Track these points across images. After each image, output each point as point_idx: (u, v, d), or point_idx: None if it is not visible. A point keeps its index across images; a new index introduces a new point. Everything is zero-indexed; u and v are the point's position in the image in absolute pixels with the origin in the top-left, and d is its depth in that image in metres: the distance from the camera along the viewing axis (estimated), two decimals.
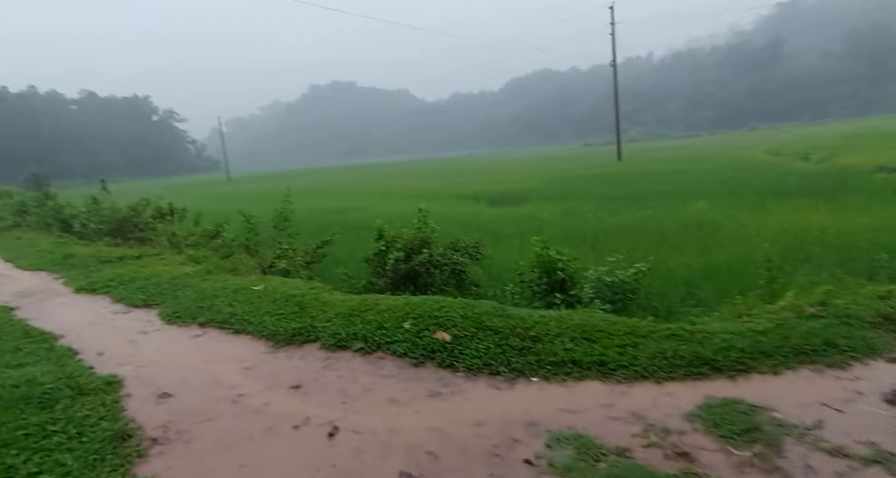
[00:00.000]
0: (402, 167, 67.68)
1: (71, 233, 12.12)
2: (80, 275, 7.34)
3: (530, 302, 5.88)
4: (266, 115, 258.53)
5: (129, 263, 7.81)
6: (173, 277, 6.36)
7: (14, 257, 9.69)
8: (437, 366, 3.78)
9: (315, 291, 5.47)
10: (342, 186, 38.21)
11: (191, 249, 8.78)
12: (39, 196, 14.78)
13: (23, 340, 4.38)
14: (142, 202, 11.99)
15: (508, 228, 11.93)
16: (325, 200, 27.99)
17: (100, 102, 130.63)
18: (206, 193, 42.01)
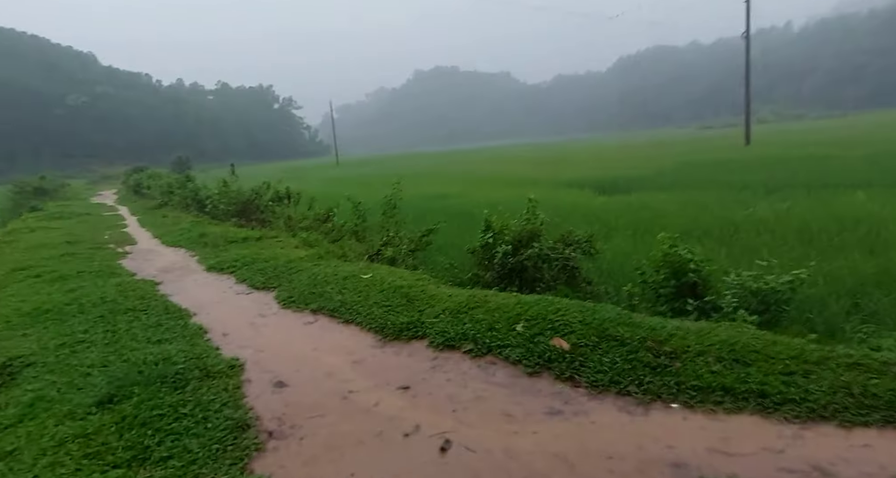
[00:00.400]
0: (502, 152, 66.83)
1: (205, 213, 13.45)
2: (210, 253, 8.00)
3: (652, 306, 5.25)
4: (372, 101, 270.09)
5: (251, 244, 8.37)
6: (289, 261, 6.63)
7: (160, 234, 10.90)
8: (554, 378, 3.41)
9: (422, 282, 5.34)
10: (441, 171, 38.59)
11: (304, 233, 9.21)
12: (181, 178, 16.65)
13: (163, 316, 4.76)
14: (262, 186, 12.89)
15: (619, 219, 11.01)
16: (425, 185, 28.41)
17: (232, 93, 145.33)
18: (317, 177, 44.89)
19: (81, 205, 21.65)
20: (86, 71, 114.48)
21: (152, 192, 19.43)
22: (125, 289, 5.74)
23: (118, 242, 10.25)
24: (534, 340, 3.78)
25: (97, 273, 6.77)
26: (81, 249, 9.01)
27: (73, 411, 2.92)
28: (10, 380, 3.66)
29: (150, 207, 17.38)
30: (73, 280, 6.32)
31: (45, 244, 9.80)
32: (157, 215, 14.86)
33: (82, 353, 3.85)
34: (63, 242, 9.94)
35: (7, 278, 6.80)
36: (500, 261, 5.69)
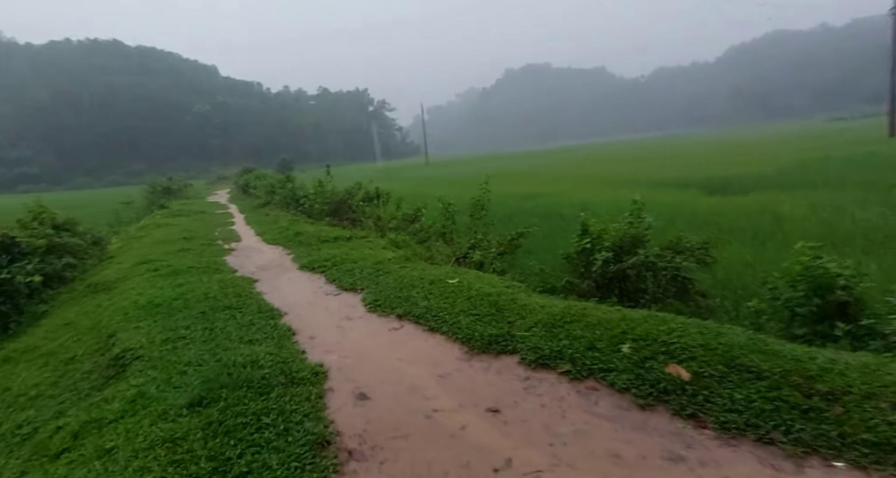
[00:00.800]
0: (596, 150, 64.03)
1: (302, 211, 14.13)
2: (304, 252, 8.24)
3: (786, 328, 4.44)
4: (462, 101, 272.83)
5: (342, 243, 8.51)
6: (376, 262, 6.58)
7: (262, 232, 11.55)
8: (672, 414, 2.88)
9: (511, 290, 4.96)
10: (532, 170, 37.68)
11: (392, 233, 9.22)
12: (282, 179, 17.74)
13: (256, 315, 4.85)
14: (354, 187, 13.24)
15: (733, 223, 9.80)
16: (515, 184, 27.82)
17: (331, 97, 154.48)
18: (406, 177, 46.03)
19: (199, 203, 23.96)
20: (209, 82, 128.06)
21: (258, 191, 20.95)
22: (226, 286, 6.01)
23: (226, 238, 11.00)
24: (644, 365, 3.25)
25: (204, 269, 7.21)
26: (195, 245, 9.76)
27: (167, 412, 2.94)
28: (121, 371, 3.87)
29: (255, 205, 18.74)
30: (183, 275, 6.78)
31: (166, 240, 10.77)
32: (261, 214, 15.90)
33: (182, 350, 3.98)
34: (180, 238, 10.86)
35: (132, 271, 7.48)
36: (600, 269, 5.15)
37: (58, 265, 8.13)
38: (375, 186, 12.05)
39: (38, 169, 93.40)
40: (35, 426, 3.41)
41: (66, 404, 3.66)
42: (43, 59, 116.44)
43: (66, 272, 8.37)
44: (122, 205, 27.14)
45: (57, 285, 8.15)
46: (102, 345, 4.52)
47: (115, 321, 4.96)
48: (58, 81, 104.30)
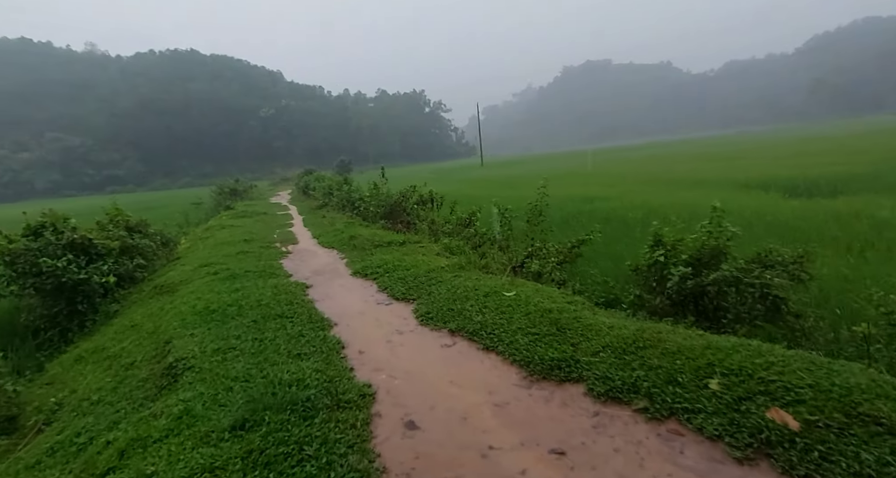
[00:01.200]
0: (660, 149, 61.06)
1: (357, 214, 14.21)
2: (357, 257, 8.15)
3: None
4: (518, 100, 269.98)
5: (395, 248, 8.36)
6: (429, 270, 6.34)
7: (318, 234, 11.67)
8: (781, 472, 2.40)
9: (574, 306, 4.54)
10: (590, 171, 36.37)
11: (446, 239, 8.96)
12: (339, 181, 18.02)
13: (306, 325, 4.73)
14: (409, 189, 13.13)
15: (822, 230, 8.79)
16: (572, 186, 26.88)
17: (389, 99, 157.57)
18: (461, 178, 45.88)
19: (262, 204, 24.91)
20: (274, 87, 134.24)
21: (316, 193, 21.45)
22: (279, 292, 5.97)
23: (283, 241, 11.20)
24: (739, 408, 2.77)
25: (260, 273, 7.27)
26: (254, 248, 9.97)
27: (209, 435, 2.81)
28: (172, 382, 3.84)
29: (313, 207, 19.17)
30: (240, 279, 6.85)
31: (228, 241, 11.11)
32: (318, 215, 16.19)
33: (231, 362, 3.90)
34: (241, 240, 11.17)
35: (194, 274, 7.68)
36: (676, 285, 4.61)
37: (129, 266, 8.53)
38: (430, 189, 11.83)
39: (124, 171, 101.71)
40: (90, 436, 3.41)
41: (121, 413, 3.65)
42: (131, 70, 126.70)
43: (137, 273, 8.76)
44: (193, 206, 28.83)
45: (128, 285, 8.55)
46: (159, 351, 4.55)
47: (172, 327, 5.01)
48: (143, 90, 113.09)
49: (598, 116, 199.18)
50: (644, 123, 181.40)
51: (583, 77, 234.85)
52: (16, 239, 7.65)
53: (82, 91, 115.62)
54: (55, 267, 7.13)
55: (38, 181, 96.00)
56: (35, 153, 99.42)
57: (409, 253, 7.89)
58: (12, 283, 7.26)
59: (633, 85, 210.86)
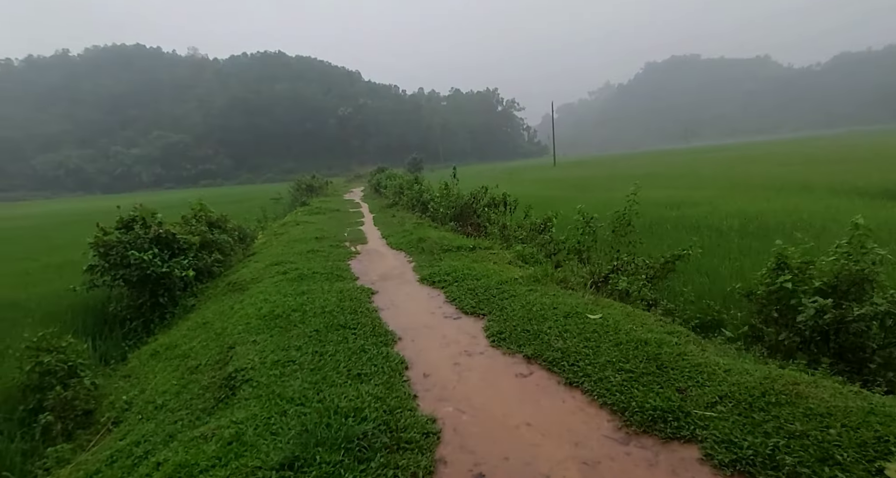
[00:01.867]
0: (755, 149, 56.11)
1: (427, 215, 13.98)
2: (425, 262, 7.83)
3: None
4: (595, 99, 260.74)
5: (465, 254, 7.94)
6: (501, 282, 5.85)
7: (387, 235, 11.53)
8: None
9: (675, 338, 3.86)
10: (676, 172, 33.95)
11: (519, 245, 8.41)
12: (410, 180, 17.95)
13: (369, 338, 4.43)
14: (480, 190, 12.67)
15: None
16: (654, 188, 25.11)
17: (463, 97, 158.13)
18: (533, 178, 44.76)
19: (336, 201, 25.56)
20: (352, 86, 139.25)
21: (387, 191, 21.60)
22: (344, 298, 5.75)
23: (353, 240, 11.17)
24: None
25: (327, 275, 7.14)
26: (324, 247, 9.99)
27: (256, 473, 2.51)
28: (230, 394, 3.66)
29: (383, 205, 19.28)
30: (308, 281, 6.75)
31: (300, 239, 11.26)
32: (388, 214, 16.18)
33: (289, 378, 3.66)
34: (313, 238, 11.27)
35: (265, 272, 7.72)
36: (811, 320, 3.78)
37: (208, 261, 8.80)
38: (503, 192, 11.28)
39: (215, 166, 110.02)
40: (147, 448, 3.29)
41: (178, 425, 3.52)
42: (225, 72, 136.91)
43: (215, 268, 9.03)
44: (272, 201, 30.27)
45: (206, 279, 8.82)
46: (223, 356, 4.44)
47: (237, 331, 4.92)
48: (234, 91, 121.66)
49: (682, 115, 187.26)
50: (736, 122, 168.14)
51: (667, 73, 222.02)
52: (110, 232, 8.11)
53: (183, 92, 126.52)
54: (141, 260, 7.43)
55: (144, 174, 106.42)
56: (143, 149, 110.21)
57: (479, 260, 7.44)
58: (105, 273, 7.67)
59: (724, 81, 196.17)
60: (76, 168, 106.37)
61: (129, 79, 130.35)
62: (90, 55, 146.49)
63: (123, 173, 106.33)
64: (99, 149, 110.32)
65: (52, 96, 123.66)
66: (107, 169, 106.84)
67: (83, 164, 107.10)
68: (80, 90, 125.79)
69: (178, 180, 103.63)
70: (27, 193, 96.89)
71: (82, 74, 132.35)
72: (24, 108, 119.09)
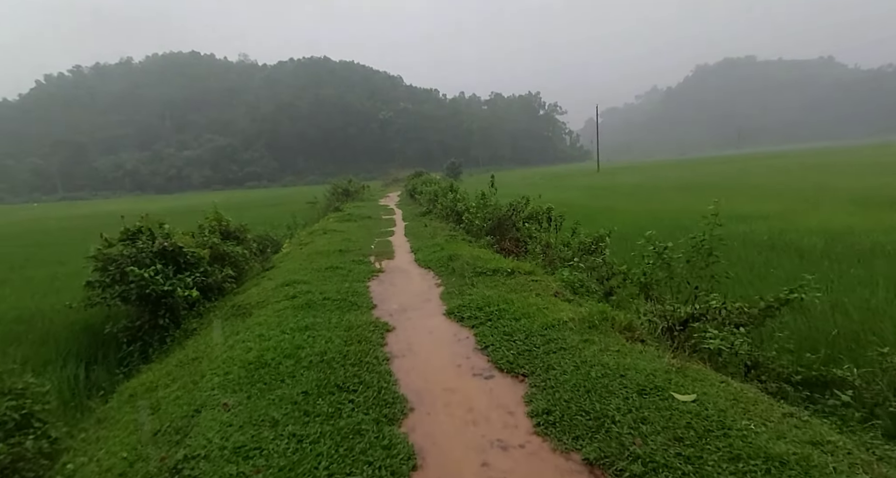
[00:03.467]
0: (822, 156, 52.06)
1: (461, 225, 12.87)
2: (455, 287, 6.70)
3: None
4: (641, 103, 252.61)
5: (501, 280, 6.74)
6: (547, 325, 4.64)
7: (417, 248, 10.49)
8: None
9: (829, 457, 2.54)
10: (733, 181, 31.42)
11: (566, 270, 7.15)
12: (445, 188, 16.90)
13: (371, 410, 3.34)
14: (520, 201, 11.45)
15: None
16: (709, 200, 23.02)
17: (503, 102, 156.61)
18: (576, 185, 42.89)
19: (370, 207, 24.84)
20: (394, 91, 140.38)
21: (421, 198, 20.64)
22: (352, 338, 4.71)
23: (379, 254, 10.19)
24: None
25: (340, 302, 6.14)
26: (346, 262, 9.05)
27: None
28: None
29: (417, 213, 18.30)
30: (315, 311, 5.76)
31: (323, 251, 10.38)
32: (421, 223, 15.17)
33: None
34: (337, 251, 10.38)
35: (273, 294, 6.81)
36: None
37: (218, 277, 7.99)
38: (546, 204, 9.99)
39: (260, 169, 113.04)
40: None
41: None
42: (272, 77, 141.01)
43: (227, 284, 8.22)
44: (309, 205, 29.95)
45: (216, 297, 8.02)
46: (185, 423, 3.46)
47: (212, 384, 3.94)
48: (281, 96, 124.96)
49: (736, 119, 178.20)
50: (795, 127, 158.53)
51: (719, 76, 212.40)
52: (114, 243, 7.44)
53: (232, 97, 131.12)
54: (140, 276, 6.67)
55: (194, 176, 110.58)
56: (194, 152, 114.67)
57: (518, 289, 6.24)
58: (104, 290, 6.96)
59: (782, 84, 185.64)
60: (133, 170, 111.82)
61: (183, 84, 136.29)
62: (150, 63, 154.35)
63: (175, 175, 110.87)
64: (154, 152, 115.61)
65: (116, 102, 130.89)
66: (160, 171, 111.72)
67: (139, 166, 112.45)
68: (139, 96, 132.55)
69: (225, 182, 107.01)
70: (90, 193, 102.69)
71: (142, 81, 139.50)
72: (90, 114, 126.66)
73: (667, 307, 4.80)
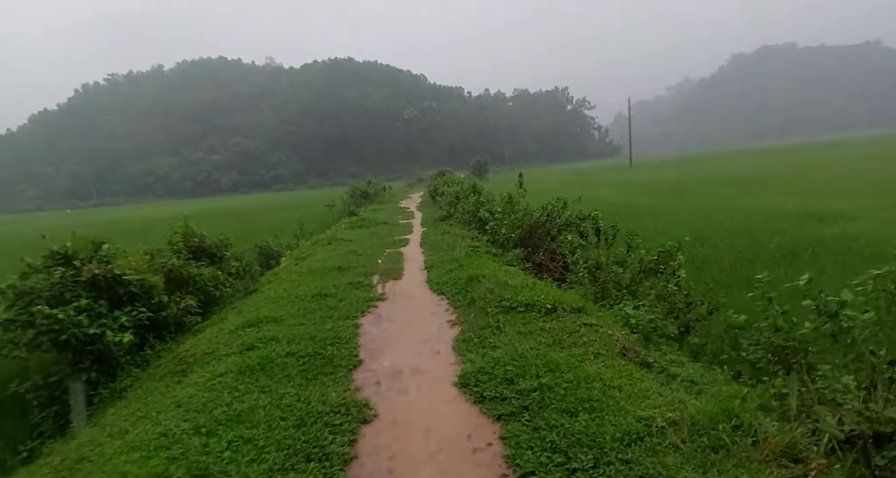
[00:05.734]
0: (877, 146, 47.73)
1: (485, 232, 10.94)
2: (474, 330, 4.80)
3: None
4: (672, 95, 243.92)
5: (538, 323, 4.78)
6: (626, 435, 2.68)
7: (431, 265, 8.64)
8: None
9: None
10: (783, 174, 28.39)
11: (627, 304, 5.15)
12: (467, 189, 14.96)
13: None
14: (556, 204, 9.46)
15: None
16: (772, 195, 20.35)
17: (529, 98, 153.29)
18: (608, 181, 40.25)
19: (388, 210, 23.12)
20: (418, 89, 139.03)
21: (442, 200, 18.78)
22: (297, 450, 2.86)
23: (385, 272, 8.39)
24: None
25: (310, 359, 4.32)
26: (341, 286, 7.27)
27: None
28: None
29: (437, 217, 16.43)
30: (269, 377, 3.95)
31: (320, 269, 8.67)
32: (440, 230, 13.30)
33: None
34: (335, 268, 8.65)
35: (226, 342, 5.05)
36: None
37: (174, 310, 6.30)
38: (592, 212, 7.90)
39: (287, 171, 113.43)
40: None
41: None
42: (298, 80, 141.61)
43: (188, 317, 6.53)
44: (326, 208, 28.48)
45: (173, 335, 6.34)
46: None
47: None
48: (306, 98, 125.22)
49: (776, 109, 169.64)
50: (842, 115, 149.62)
51: (757, 65, 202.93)
52: (40, 269, 5.85)
53: (259, 100, 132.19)
54: (53, 317, 5.03)
55: (223, 180, 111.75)
56: (222, 156, 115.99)
57: (565, 339, 4.29)
58: (17, 333, 5.36)
59: (825, 71, 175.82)
60: (164, 175, 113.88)
61: (212, 89, 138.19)
62: (179, 69, 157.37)
63: (204, 179, 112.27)
64: (184, 156, 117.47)
65: (147, 108, 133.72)
66: (190, 175, 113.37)
67: (171, 171, 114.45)
68: (170, 102, 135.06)
69: (252, 185, 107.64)
70: (124, 199, 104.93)
71: (173, 87, 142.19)
72: (124, 120, 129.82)
73: (850, 403, 2.72)
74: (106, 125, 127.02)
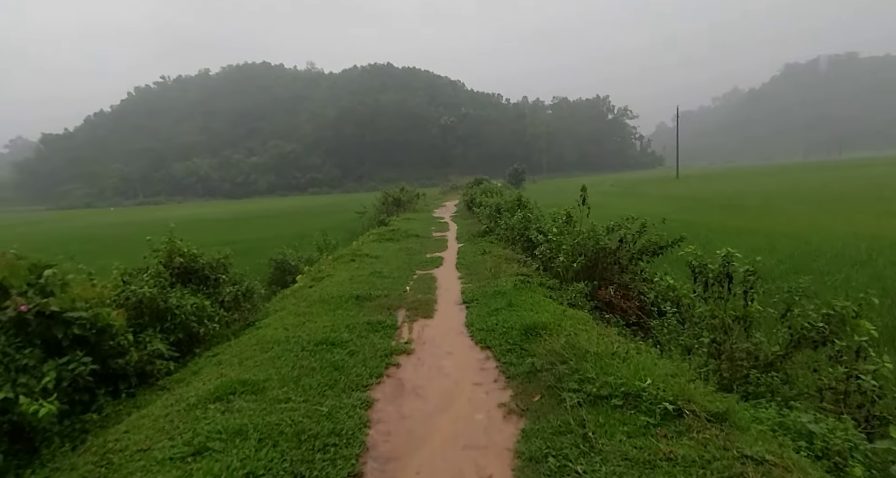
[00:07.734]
0: None
1: (535, 257, 9.13)
2: (551, 449, 3.01)
3: None
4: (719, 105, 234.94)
5: (656, 445, 2.94)
6: None
7: (471, 297, 6.92)
8: None
9: None
10: (862, 193, 25.20)
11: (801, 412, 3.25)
12: (511, 201, 13.18)
13: None
14: (626, 227, 7.58)
15: None
16: (859, 214, 17.70)
17: (569, 106, 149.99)
18: (653, 194, 37.56)
19: (421, 220, 21.54)
20: (455, 96, 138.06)
21: (480, 212, 17.01)
22: None
23: (413, 305, 6.72)
24: None
25: None
26: (355, 326, 5.65)
27: None
28: None
29: (474, 232, 14.68)
30: None
31: (335, 297, 7.08)
32: (479, 248, 11.55)
33: None
34: (353, 297, 7.04)
35: (170, 432, 3.45)
36: None
37: (134, 357, 4.78)
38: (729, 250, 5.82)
39: (323, 175, 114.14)
40: None
41: None
42: (337, 85, 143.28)
43: (156, 367, 5.00)
44: (357, 215, 27.18)
45: (135, 387, 4.83)
46: None
47: None
48: (344, 102, 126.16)
49: (834, 122, 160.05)
50: None
51: (811, 75, 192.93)
52: None
53: (298, 104, 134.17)
54: None
55: (259, 182, 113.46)
56: (260, 158, 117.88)
57: (677, 457, 2.47)
58: None
59: (888, 82, 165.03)
60: (205, 175, 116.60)
61: (254, 93, 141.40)
62: (225, 73, 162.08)
63: (243, 181, 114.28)
64: (223, 158, 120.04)
65: (192, 111, 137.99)
66: (228, 176, 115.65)
67: (211, 172, 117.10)
68: (214, 105, 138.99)
69: (288, 188, 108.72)
70: (165, 198, 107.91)
71: (217, 91, 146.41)
72: (169, 122, 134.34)
73: None
74: (153, 127, 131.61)
